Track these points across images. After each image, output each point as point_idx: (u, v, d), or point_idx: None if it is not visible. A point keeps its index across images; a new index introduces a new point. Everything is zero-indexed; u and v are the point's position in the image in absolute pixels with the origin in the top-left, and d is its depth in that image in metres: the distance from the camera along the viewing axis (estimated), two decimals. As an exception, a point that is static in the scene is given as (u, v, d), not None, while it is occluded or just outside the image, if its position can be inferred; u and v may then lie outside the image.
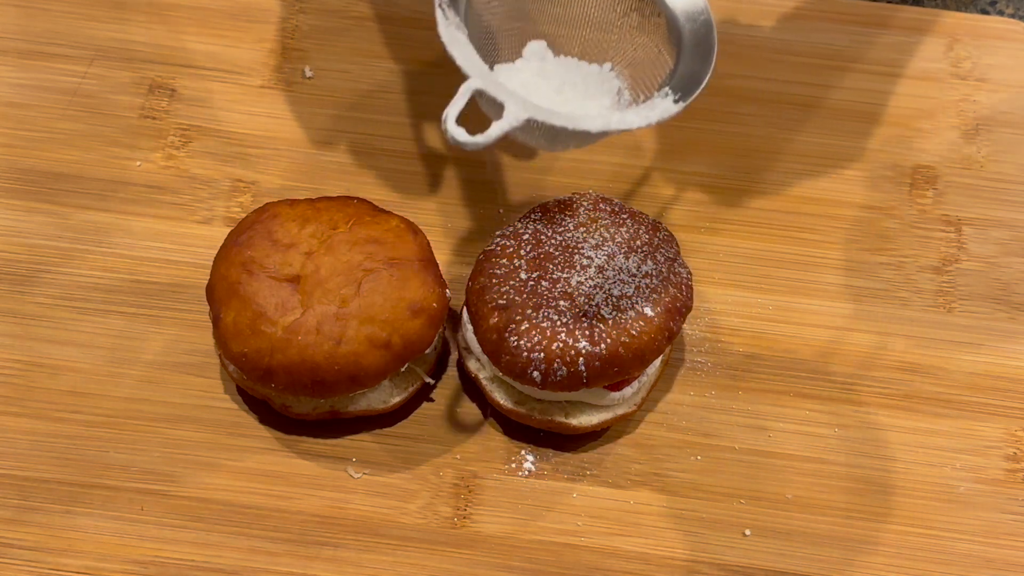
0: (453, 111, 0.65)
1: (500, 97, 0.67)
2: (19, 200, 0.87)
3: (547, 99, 0.73)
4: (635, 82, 0.76)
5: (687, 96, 0.72)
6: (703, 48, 0.74)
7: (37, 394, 0.78)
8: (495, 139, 0.65)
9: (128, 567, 0.73)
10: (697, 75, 0.73)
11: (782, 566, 0.75)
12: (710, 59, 0.73)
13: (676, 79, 0.73)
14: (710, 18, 0.74)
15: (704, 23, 0.74)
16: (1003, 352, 0.83)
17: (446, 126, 0.64)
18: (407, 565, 0.74)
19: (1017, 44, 0.99)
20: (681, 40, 0.74)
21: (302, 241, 0.76)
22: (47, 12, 0.96)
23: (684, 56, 0.74)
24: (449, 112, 0.65)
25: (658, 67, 0.75)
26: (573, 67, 0.77)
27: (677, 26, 0.74)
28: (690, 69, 0.73)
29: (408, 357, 0.75)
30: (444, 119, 0.64)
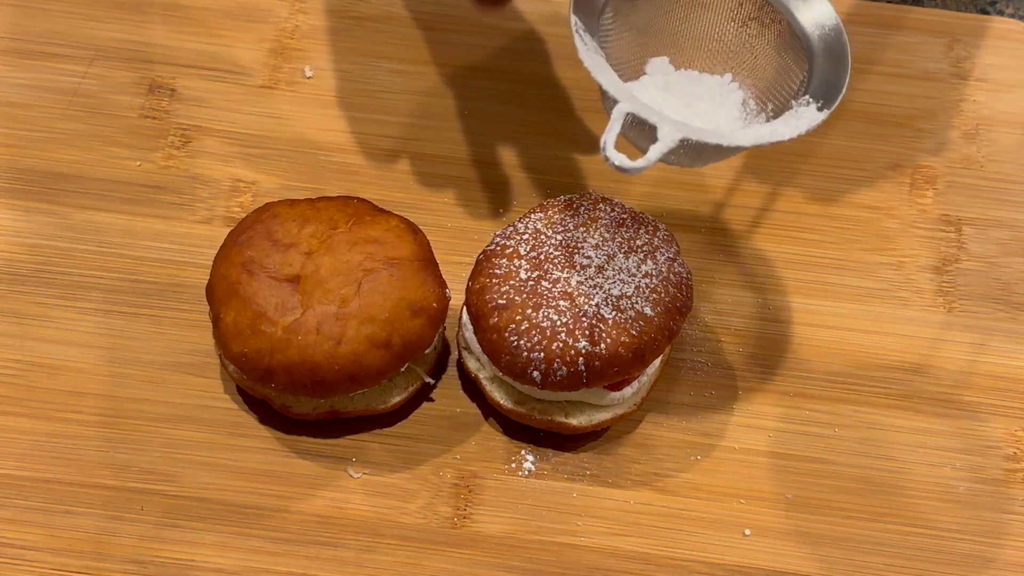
0: (610, 138, 0.65)
1: (652, 119, 0.66)
2: (19, 200, 0.87)
3: (678, 114, 0.73)
4: (759, 91, 0.76)
5: (830, 103, 0.71)
6: (836, 54, 0.73)
7: (37, 394, 0.78)
8: (654, 162, 0.65)
9: (128, 567, 0.73)
10: (835, 81, 0.72)
11: (782, 566, 0.75)
12: (845, 64, 0.73)
13: (814, 86, 0.72)
14: (839, 23, 0.74)
15: (834, 28, 0.74)
16: (1003, 352, 0.83)
17: (606, 153, 0.64)
18: (407, 565, 0.74)
19: (1017, 44, 0.99)
20: (812, 47, 0.74)
21: (302, 241, 0.76)
22: (47, 12, 0.96)
23: (818, 63, 0.73)
24: (607, 139, 0.65)
25: (783, 75, 0.75)
26: (696, 80, 0.76)
27: (804, 33, 0.74)
28: (826, 75, 0.73)
29: (408, 357, 0.75)
30: (603, 146, 0.65)
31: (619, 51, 0.75)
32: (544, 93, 0.95)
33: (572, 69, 0.96)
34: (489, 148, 0.91)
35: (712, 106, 0.75)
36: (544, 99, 0.94)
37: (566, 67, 0.96)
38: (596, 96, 0.94)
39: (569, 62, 0.96)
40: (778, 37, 0.75)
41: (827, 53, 0.73)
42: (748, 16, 0.76)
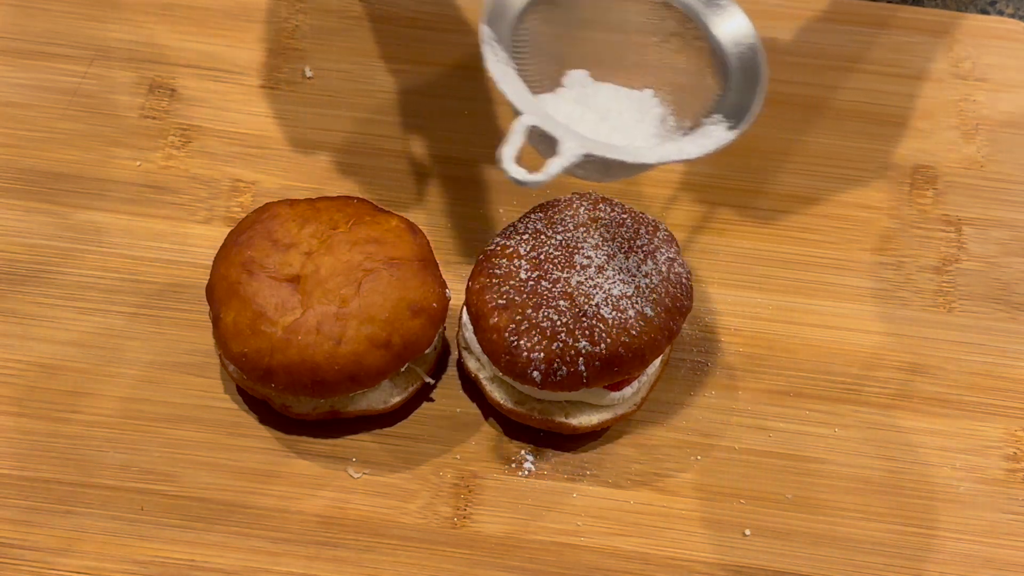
0: (509, 151, 0.64)
1: (555, 133, 0.66)
2: (19, 200, 0.87)
3: (592, 129, 0.72)
4: (679, 108, 0.75)
5: (739, 123, 0.70)
6: (750, 74, 0.72)
7: (37, 394, 0.78)
8: (554, 176, 0.64)
9: (128, 567, 0.73)
10: (745, 102, 0.71)
11: (782, 566, 0.75)
12: (757, 84, 0.72)
13: (727, 106, 0.72)
14: (757, 43, 0.73)
15: (750, 47, 0.73)
16: (1003, 352, 0.83)
17: (504, 166, 0.63)
18: (407, 565, 0.74)
19: (1017, 44, 0.99)
20: (728, 65, 0.73)
21: (302, 241, 0.76)
22: (47, 12, 0.96)
23: (732, 82, 0.73)
24: (505, 152, 0.64)
25: (702, 92, 0.74)
26: (614, 94, 0.75)
27: (722, 51, 0.73)
28: (738, 95, 0.72)
29: (408, 357, 0.75)
30: (500, 159, 0.63)
31: (537, 63, 0.74)
32: (544, 93, 0.95)
33: (572, 69, 0.96)
34: (489, 148, 0.91)
35: (631, 121, 0.74)
36: (544, 99, 0.94)
37: (566, 67, 0.96)
38: (596, 96, 0.95)
39: (569, 62, 0.96)
40: (699, 54, 0.74)
41: (742, 72, 0.73)
42: (670, 31, 0.75)
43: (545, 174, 0.64)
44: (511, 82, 0.68)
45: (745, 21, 0.74)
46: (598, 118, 0.73)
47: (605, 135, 0.72)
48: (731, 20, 0.74)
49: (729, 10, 0.74)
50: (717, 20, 0.74)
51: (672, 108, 0.75)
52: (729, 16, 0.74)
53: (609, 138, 0.71)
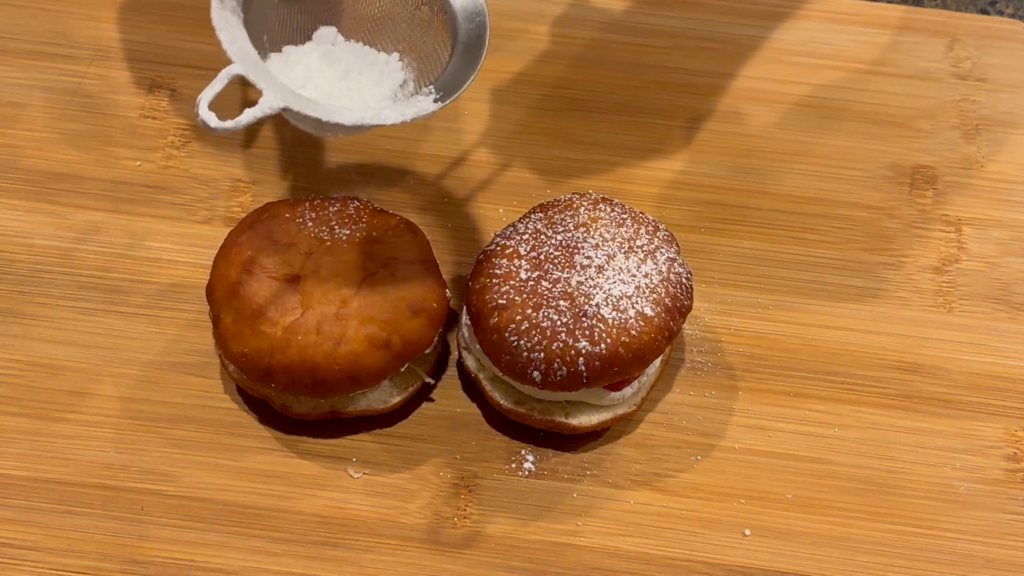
0: (207, 95, 0.65)
1: (259, 84, 0.67)
2: (19, 200, 0.87)
3: (329, 84, 0.73)
4: (421, 75, 0.76)
5: (447, 96, 0.71)
6: (473, 50, 0.73)
7: (37, 394, 0.78)
8: (245, 125, 0.64)
9: (128, 567, 0.73)
10: (460, 77, 0.72)
11: (782, 566, 0.75)
12: (477, 62, 0.73)
13: (443, 78, 0.73)
14: (486, 20, 0.74)
15: (479, 24, 0.74)
16: (1003, 352, 0.83)
17: (197, 109, 0.64)
18: (407, 565, 0.74)
19: (1017, 44, 0.99)
20: (456, 39, 0.74)
21: (302, 241, 0.76)
22: (47, 12, 0.96)
23: (455, 56, 0.74)
24: (203, 96, 0.65)
25: (439, 63, 0.76)
26: (360, 54, 0.77)
27: (455, 23, 0.75)
28: (457, 69, 0.73)
29: (408, 357, 0.75)
30: (197, 102, 0.64)
31: (285, 14, 0.75)
32: (544, 93, 0.95)
33: (572, 69, 0.96)
34: (489, 148, 0.91)
35: (369, 82, 0.75)
36: (544, 99, 0.94)
37: (566, 67, 0.96)
38: (597, 96, 0.95)
39: (569, 62, 0.96)
40: (442, 26, 0.76)
41: (466, 48, 0.74)
42: (420, 1, 0.76)
43: (235, 122, 0.64)
44: (230, 30, 0.69)
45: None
46: (338, 76, 0.74)
47: (339, 93, 0.73)
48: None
49: None
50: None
51: (415, 75, 0.76)
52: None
53: (342, 97, 0.73)
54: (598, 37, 0.98)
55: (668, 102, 0.95)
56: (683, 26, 0.99)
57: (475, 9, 0.75)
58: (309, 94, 0.72)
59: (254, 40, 0.71)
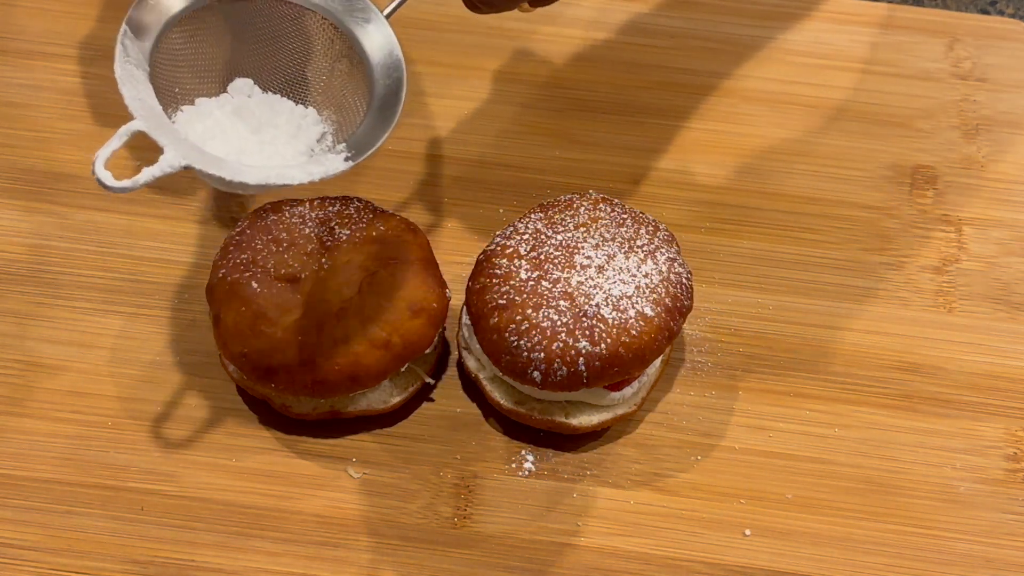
0: (104, 152, 0.63)
1: (161, 141, 0.65)
2: (19, 200, 0.87)
3: (241, 139, 0.71)
4: (340, 128, 0.74)
5: (360, 154, 0.69)
6: (389, 106, 0.71)
7: (37, 394, 0.78)
8: (144, 184, 0.63)
9: (128, 567, 0.73)
10: (375, 134, 0.70)
11: (782, 566, 0.75)
12: (392, 119, 0.70)
13: (357, 135, 0.70)
14: (403, 76, 0.71)
15: (396, 80, 0.71)
16: (1003, 352, 0.83)
17: (94, 167, 0.62)
18: (407, 565, 0.74)
19: (1017, 44, 0.99)
20: (372, 95, 0.72)
21: (302, 241, 0.76)
22: (47, 12, 0.96)
23: (370, 112, 0.71)
24: (100, 153, 0.63)
25: (357, 118, 0.73)
26: (277, 107, 0.74)
27: (373, 80, 0.72)
28: (370, 127, 0.71)
29: (408, 357, 0.75)
30: (93, 160, 0.62)
31: (201, 64, 0.73)
32: (544, 93, 0.95)
33: (572, 69, 0.96)
34: (489, 148, 0.91)
35: (284, 136, 0.73)
36: (544, 99, 0.94)
37: (566, 67, 0.96)
38: (597, 96, 0.95)
39: (569, 62, 0.96)
40: (363, 80, 0.73)
41: (381, 103, 0.71)
42: (340, 53, 0.74)
43: (133, 182, 0.62)
44: (133, 85, 0.67)
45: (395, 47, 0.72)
46: (250, 130, 0.72)
47: (252, 148, 0.71)
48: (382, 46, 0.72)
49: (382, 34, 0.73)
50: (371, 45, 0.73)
51: (334, 129, 0.74)
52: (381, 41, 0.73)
53: (255, 152, 0.71)
54: (598, 37, 0.98)
55: (668, 102, 0.95)
56: (683, 26, 0.99)
57: (391, 64, 0.72)
58: (220, 148, 0.69)
59: (164, 91, 0.69)
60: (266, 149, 0.72)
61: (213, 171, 0.66)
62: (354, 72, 0.74)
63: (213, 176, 0.66)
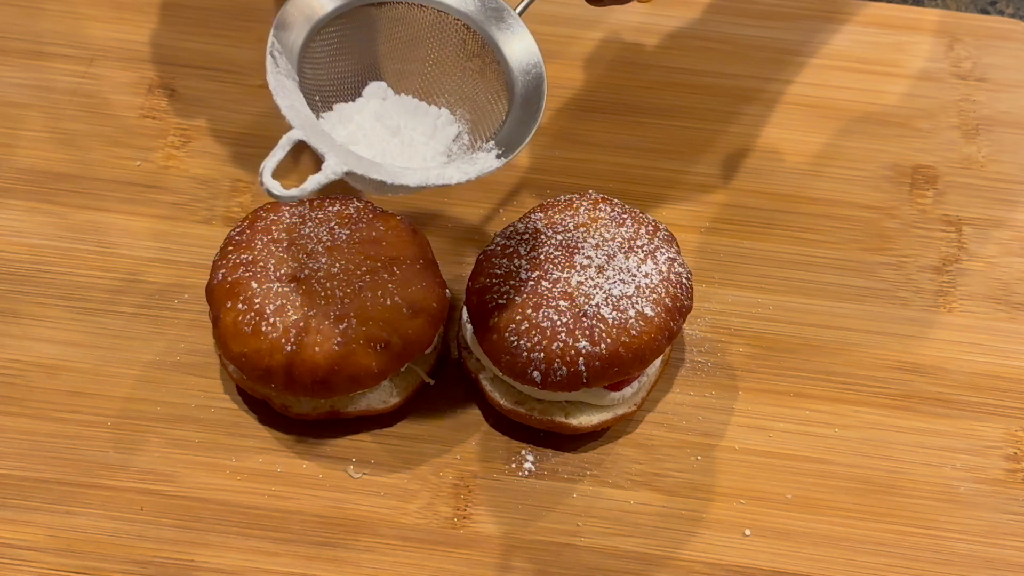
0: (270, 163, 0.64)
1: (321, 149, 0.66)
2: (19, 200, 0.87)
3: (382, 141, 0.72)
4: (475, 127, 0.75)
5: (510, 152, 0.70)
6: (532, 103, 0.72)
7: (37, 394, 0.78)
8: (311, 192, 0.64)
9: (128, 567, 0.73)
10: (522, 131, 0.71)
11: (782, 566, 0.75)
12: (537, 115, 0.71)
13: (503, 133, 0.71)
14: (542, 72, 0.73)
15: (536, 76, 0.72)
16: (1003, 352, 0.83)
17: (261, 178, 0.63)
18: (407, 565, 0.74)
19: (1017, 44, 0.99)
20: (513, 93, 0.73)
21: (302, 241, 0.76)
22: (47, 12, 0.96)
23: (513, 110, 0.72)
24: (266, 164, 0.64)
25: (494, 116, 0.74)
26: (412, 108, 0.75)
27: (512, 78, 0.73)
28: (516, 124, 0.72)
29: (408, 357, 0.75)
30: (261, 171, 0.64)
31: (338, 72, 0.74)
32: (544, 93, 0.95)
33: (572, 69, 0.96)
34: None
35: (422, 137, 0.73)
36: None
37: (566, 67, 0.96)
38: (596, 96, 0.95)
39: (569, 62, 0.96)
40: (496, 77, 0.74)
41: (524, 102, 0.72)
42: (472, 53, 0.75)
43: (300, 190, 0.64)
44: (287, 95, 0.68)
45: (533, 47, 0.73)
46: (389, 132, 0.73)
47: (393, 150, 0.72)
48: (520, 44, 0.73)
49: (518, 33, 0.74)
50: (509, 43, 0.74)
51: (469, 128, 0.75)
52: (518, 40, 0.73)
53: (397, 154, 0.71)
54: (598, 37, 0.98)
55: (668, 102, 0.95)
56: (683, 26, 0.99)
57: (532, 61, 0.73)
58: (364, 152, 0.70)
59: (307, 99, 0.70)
60: (406, 151, 0.73)
61: (373, 175, 0.66)
62: (487, 71, 0.74)
63: (372, 180, 0.67)
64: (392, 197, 0.84)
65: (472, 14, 0.74)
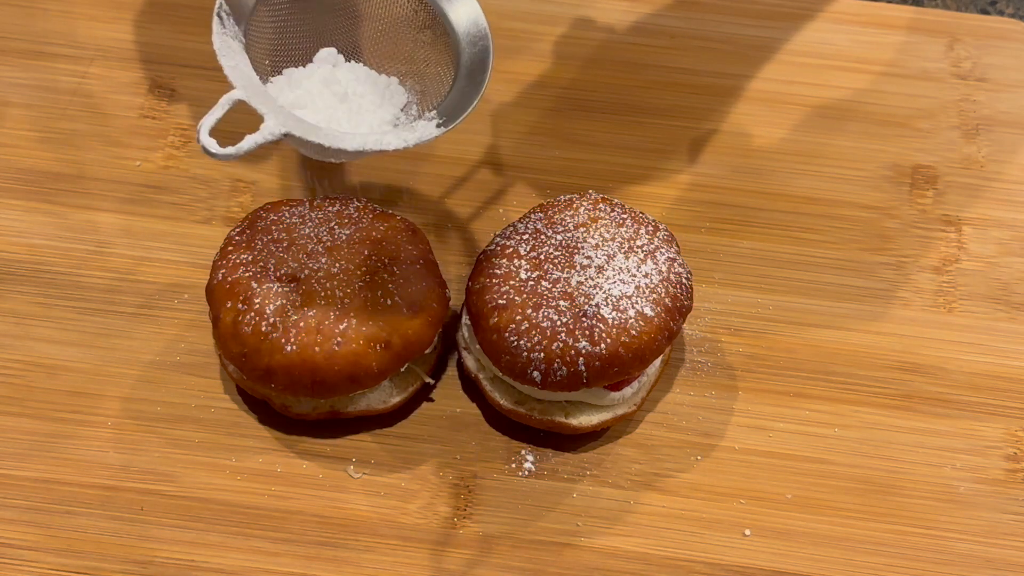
0: (208, 121, 0.64)
1: (261, 110, 0.66)
2: (19, 200, 0.87)
3: (330, 107, 0.73)
4: (423, 97, 0.76)
5: (451, 121, 0.71)
6: (477, 74, 0.73)
7: (37, 394, 0.78)
8: (247, 151, 0.64)
9: (128, 567, 0.73)
10: (465, 101, 0.72)
11: (782, 566, 0.75)
12: (481, 86, 0.72)
13: (446, 102, 0.72)
14: (488, 44, 0.73)
15: (482, 49, 0.73)
16: (1003, 352, 0.83)
17: (199, 136, 0.64)
18: (407, 565, 0.74)
19: (1017, 44, 0.99)
20: (459, 63, 0.73)
21: (302, 241, 0.76)
22: (47, 12, 0.96)
23: (458, 80, 0.73)
24: (204, 122, 0.64)
25: (441, 86, 0.75)
26: (362, 76, 0.76)
27: (458, 47, 0.74)
28: (460, 94, 0.72)
29: (408, 357, 0.75)
30: (199, 128, 0.64)
31: (290, 35, 0.74)
32: (544, 93, 0.95)
33: (572, 69, 0.96)
34: (489, 148, 0.91)
35: (370, 105, 0.74)
36: (544, 99, 0.94)
37: (566, 67, 0.96)
38: (597, 96, 0.95)
39: (570, 62, 0.96)
40: (446, 49, 0.75)
41: (469, 72, 0.73)
42: (424, 24, 0.75)
43: (236, 149, 0.64)
44: (231, 56, 0.68)
45: (480, 18, 0.74)
46: (338, 98, 0.73)
47: (340, 116, 0.72)
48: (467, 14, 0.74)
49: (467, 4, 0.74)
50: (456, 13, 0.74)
51: (418, 97, 0.76)
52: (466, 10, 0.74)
53: (344, 120, 0.72)
54: (598, 37, 0.98)
55: (668, 102, 0.95)
56: (683, 26, 0.99)
57: (478, 33, 0.74)
58: (310, 117, 0.71)
59: (255, 63, 0.70)
60: (354, 118, 0.73)
61: (312, 138, 0.67)
62: (437, 42, 0.75)
63: (310, 144, 0.67)
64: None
65: None
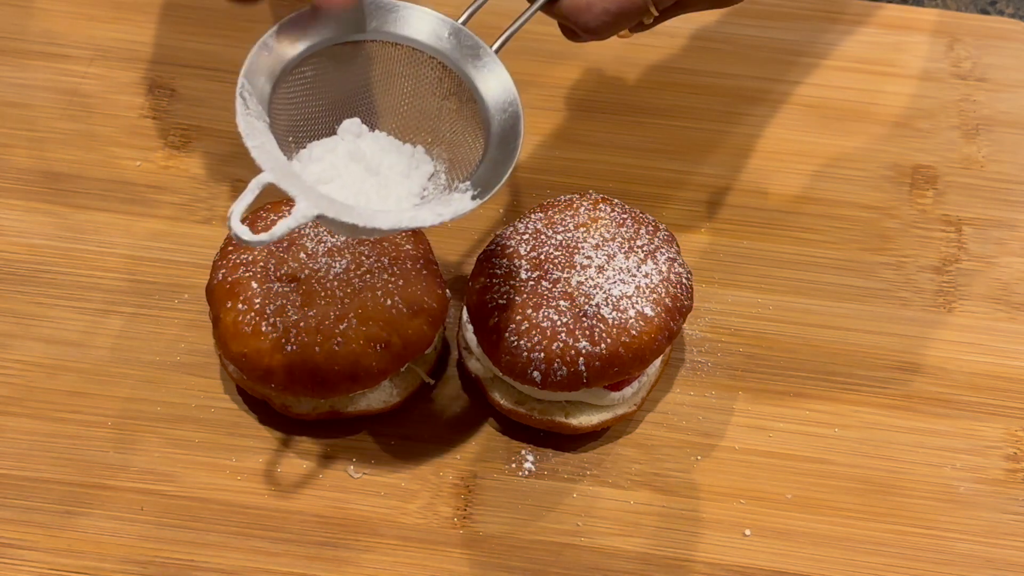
0: (239, 207, 0.62)
1: (291, 192, 0.64)
2: (19, 200, 0.87)
3: (356, 180, 0.71)
4: (452, 166, 0.73)
5: (485, 193, 0.68)
6: (508, 141, 0.70)
7: (37, 394, 0.78)
8: (280, 236, 0.63)
9: (128, 567, 0.73)
10: (498, 171, 0.69)
11: (782, 566, 0.75)
12: (514, 155, 0.70)
13: (479, 173, 0.70)
14: (519, 110, 0.71)
15: (512, 115, 0.71)
16: (1003, 352, 0.83)
17: (229, 222, 0.62)
18: (407, 565, 0.74)
19: (1017, 44, 0.99)
20: (489, 132, 0.71)
21: (302, 241, 0.76)
22: (47, 12, 0.96)
23: (490, 149, 0.70)
24: (234, 208, 0.62)
25: (471, 155, 0.72)
26: (387, 146, 0.73)
27: (488, 116, 0.71)
28: (492, 164, 0.70)
29: (408, 357, 0.75)
30: (229, 215, 0.62)
31: (314, 108, 0.72)
32: (544, 93, 0.95)
33: (572, 69, 0.96)
34: None
35: (397, 176, 0.72)
36: (544, 99, 0.94)
37: (566, 67, 0.96)
38: (596, 96, 0.95)
39: (569, 62, 0.96)
40: (473, 116, 0.72)
41: (500, 141, 0.70)
42: (448, 91, 0.73)
43: (270, 235, 0.62)
44: (257, 136, 0.66)
45: (509, 84, 0.72)
46: (364, 171, 0.71)
47: (368, 189, 0.70)
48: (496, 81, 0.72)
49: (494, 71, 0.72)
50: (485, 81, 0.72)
51: (446, 167, 0.73)
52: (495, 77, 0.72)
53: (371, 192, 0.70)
54: (598, 37, 0.98)
55: (669, 102, 0.95)
56: (683, 26, 0.99)
57: (508, 99, 0.71)
58: (338, 193, 0.69)
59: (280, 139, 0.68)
60: (381, 190, 0.71)
61: (345, 219, 0.65)
62: (463, 109, 0.73)
63: (344, 224, 0.65)
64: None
65: (447, 52, 0.72)
